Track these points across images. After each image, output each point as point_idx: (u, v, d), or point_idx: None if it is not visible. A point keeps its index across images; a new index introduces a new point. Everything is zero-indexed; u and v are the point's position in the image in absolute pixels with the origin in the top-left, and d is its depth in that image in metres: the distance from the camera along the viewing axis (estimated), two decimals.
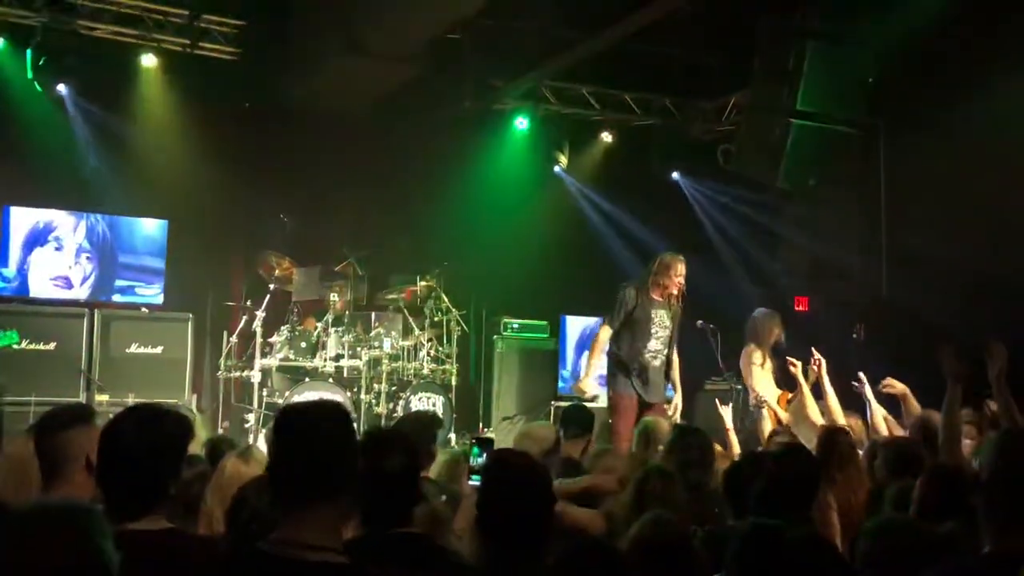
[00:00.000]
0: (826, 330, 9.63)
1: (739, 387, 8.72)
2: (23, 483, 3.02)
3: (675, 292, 7.40)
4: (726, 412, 6.48)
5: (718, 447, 5.19)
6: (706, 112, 11.68)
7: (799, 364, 6.64)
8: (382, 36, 9.13)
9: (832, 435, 4.75)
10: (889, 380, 6.36)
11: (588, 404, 6.96)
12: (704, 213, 11.66)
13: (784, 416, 7.01)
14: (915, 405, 6.09)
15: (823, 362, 6.45)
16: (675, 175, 11.89)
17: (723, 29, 9.89)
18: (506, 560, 2.86)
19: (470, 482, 3.78)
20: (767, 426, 7.17)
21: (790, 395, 7.16)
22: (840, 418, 6.06)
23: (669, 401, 7.47)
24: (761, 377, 7.63)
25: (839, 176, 9.86)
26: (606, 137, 11.95)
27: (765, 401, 7.33)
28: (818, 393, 6.41)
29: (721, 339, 8.92)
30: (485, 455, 3.73)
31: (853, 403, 6.44)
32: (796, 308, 10.60)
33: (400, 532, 2.88)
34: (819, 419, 6.15)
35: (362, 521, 2.89)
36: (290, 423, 2.47)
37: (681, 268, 7.40)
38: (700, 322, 9.03)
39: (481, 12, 8.92)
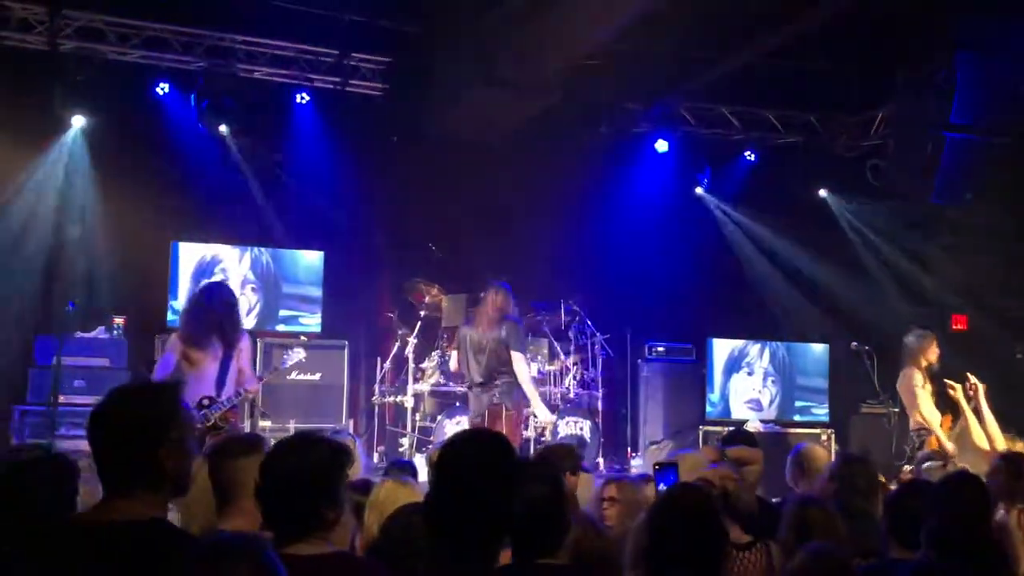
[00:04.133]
0: (986, 350, 9.28)
1: (895, 410, 8.49)
2: (210, 508, 3.20)
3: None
4: None
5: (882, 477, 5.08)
6: (851, 127, 11.44)
7: (958, 387, 6.47)
8: (521, 66, 9.28)
9: (1017, 461, 4.60)
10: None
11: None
12: (853, 231, 11.37)
13: (947, 443, 6.80)
14: None
15: (980, 387, 6.28)
16: (822, 192, 11.67)
17: (864, 41, 9.67)
18: None
19: None
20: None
21: (952, 419, 6.96)
22: (1001, 442, 5.89)
23: None
24: (924, 400, 7.40)
25: (994, 189, 9.52)
26: (749, 156, 11.80)
27: (929, 426, 7.12)
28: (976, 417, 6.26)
29: (877, 361, 8.71)
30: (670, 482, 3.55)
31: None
32: (954, 327, 10.24)
33: (545, 563, 2.82)
34: (984, 445, 5.98)
35: (511, 551, 2.88)
36: (447, 459, 2.62)
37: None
38: (854, 344, 8.85)
39: (617, 36, 8.97)
